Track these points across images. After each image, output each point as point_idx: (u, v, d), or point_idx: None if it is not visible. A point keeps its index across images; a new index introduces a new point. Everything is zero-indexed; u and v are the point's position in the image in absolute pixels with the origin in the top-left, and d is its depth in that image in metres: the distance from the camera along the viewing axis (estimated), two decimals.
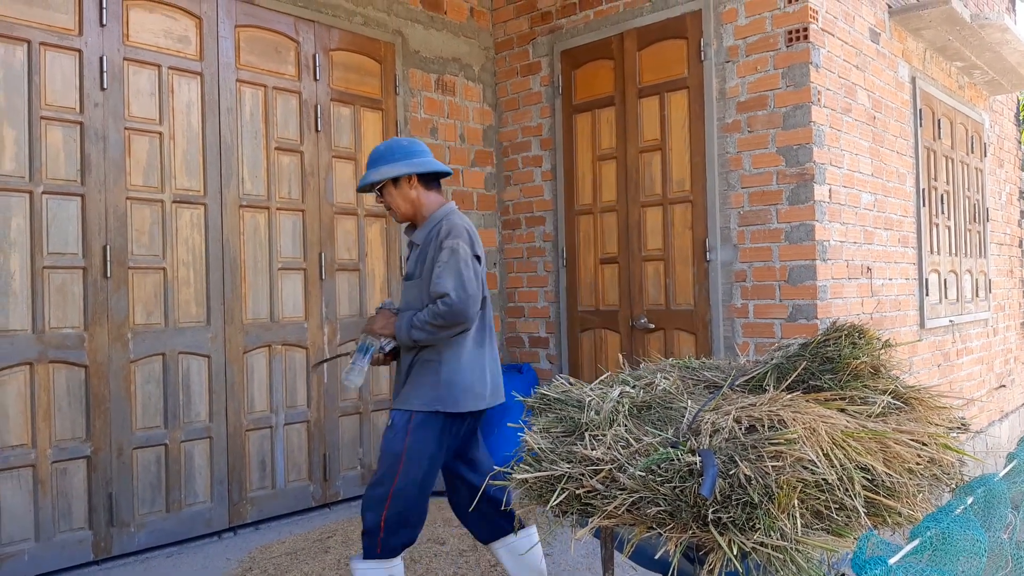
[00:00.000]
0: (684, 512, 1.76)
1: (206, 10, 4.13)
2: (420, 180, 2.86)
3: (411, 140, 2.94)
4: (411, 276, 2.85)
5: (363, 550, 2.69)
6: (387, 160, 2.85)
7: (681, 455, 1.81)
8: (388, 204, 2.90)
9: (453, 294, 2.63)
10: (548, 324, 5.40)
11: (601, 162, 5.05)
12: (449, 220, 2.80)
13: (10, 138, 3.48)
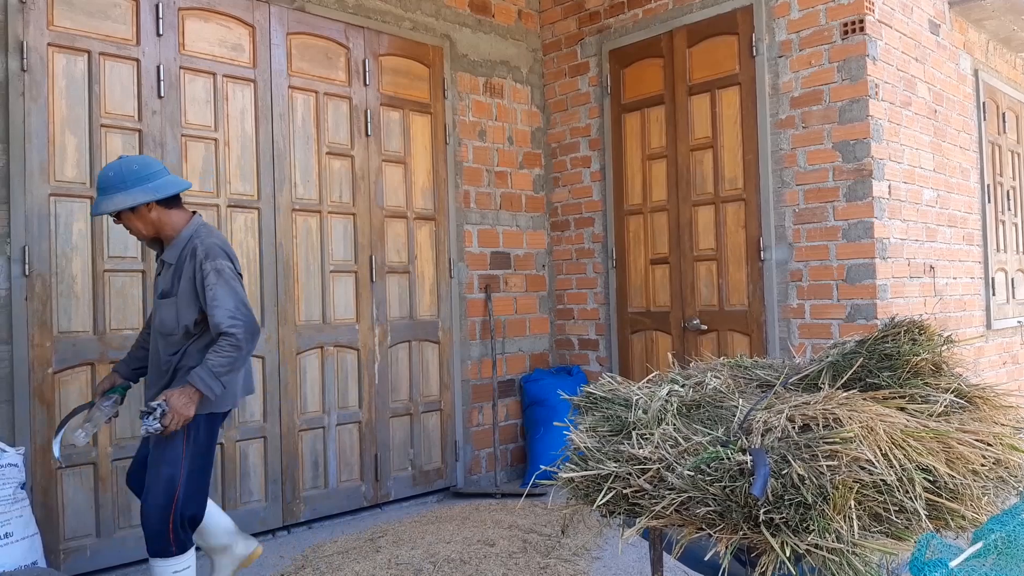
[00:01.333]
0: (735, 513, 1.71)
1: (259, 18, 4.22)
2: (162, 202, 2.78)
3: (142, 161, 2.80)
4: (167, 295, 2.81)
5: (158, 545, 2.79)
6: (120, 188, 2.71)
7: (731, 454, 1.77)
8: (127, 227, 2.82)
9: (234, 326, 2.67)
10: (598, 326, 5.35)
11: (651, 161, 4.99)
12: (202, 240, 2.78)
13: (72, 145, 3.60)
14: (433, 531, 4.06)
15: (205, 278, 2.71)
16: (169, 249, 2.83)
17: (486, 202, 5.25)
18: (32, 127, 3.46)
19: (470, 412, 5.08)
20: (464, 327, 5.07)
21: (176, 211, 2.85)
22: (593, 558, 3.66)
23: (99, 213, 2.75)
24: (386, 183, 4.71)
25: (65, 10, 3.58)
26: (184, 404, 2.65)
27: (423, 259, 4.87)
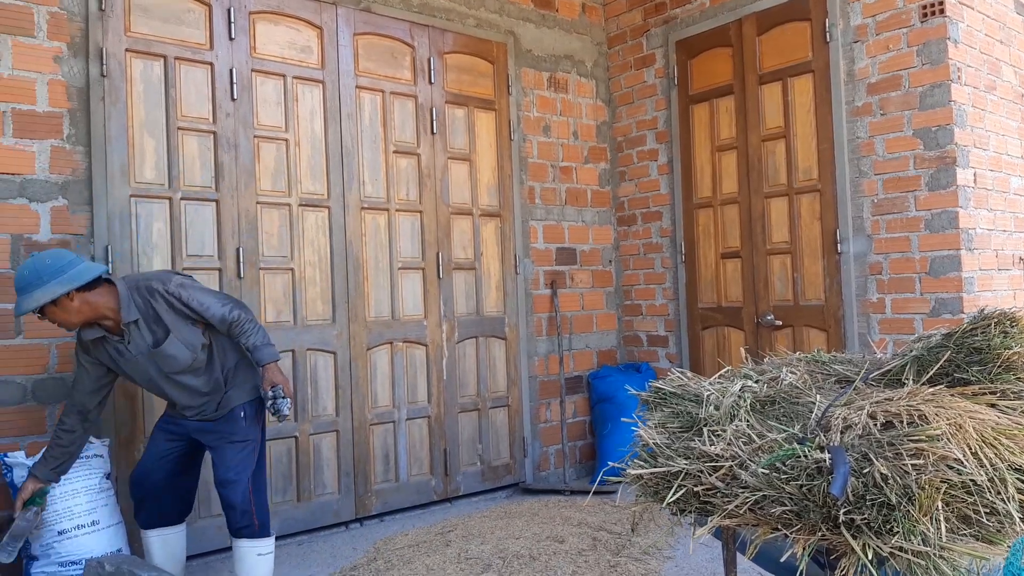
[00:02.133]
0: (812, 512, 1.64)
1: (326, 20, 4.29)
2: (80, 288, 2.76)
3: (54, 254, 2.79)
4: (160, 341, 2.91)
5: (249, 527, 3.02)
6: (37, 284, 2.69)
7: (809, 451, 1.70)
8: (54, 321, 2.81)
9: (231, 309, 2.94)
10: (667, 322, 5.27)
11: (720, 153, 4.88)
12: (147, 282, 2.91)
13: (150, 148, 3.72)
14: (502, 526, 4.06)
15: (180, 298, 2.90)
16: (125, 313, 2.85)
17: (551, 197, 5.22)
18: (112, 131, 3.59)
19: (538, 408, 5.07)
20: (530, 323, 5.06)
21: (100, 290, 2.84)
22: (665, 557, 3.60)
23: (22, 312, 2.72)
24: (452, 180, 4.73)
25: (142, 16, 3.70)
26: (277, 374, 2.96)
27: (489, 255, 4.88)
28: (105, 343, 2.92)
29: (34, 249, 3.38)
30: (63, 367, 3.42)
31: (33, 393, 3.36)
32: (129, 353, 2.92)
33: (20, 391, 3.33)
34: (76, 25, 3.52)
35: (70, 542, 3.03)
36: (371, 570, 3.51)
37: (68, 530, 3.04)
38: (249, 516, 3.02)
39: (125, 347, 2.91)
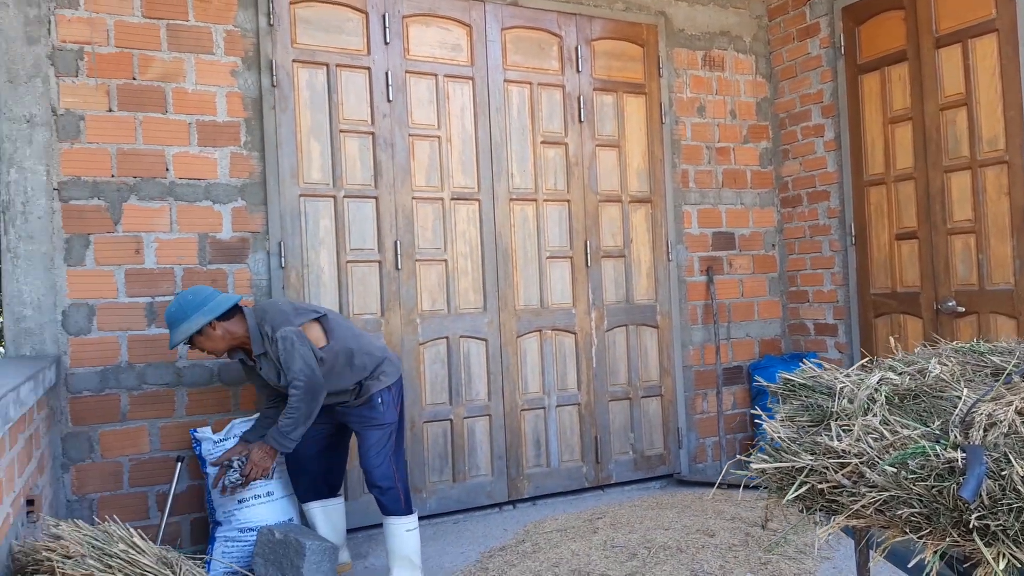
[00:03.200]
0: (942, 516, 1.51)
1: (475, 17, 4.41)
2: (219, 318, 3.11)
3: (194, 291, 3.14)
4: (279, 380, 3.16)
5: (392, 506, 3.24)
6: (183, 319, 3.05)
7: (940, 450, 1.56)
8: (203, 349, 3.15)
9: (301, 374, 3.05)
10: (836, 309, 4.95)
11: (893, 125, 4.50)
12: (267, 320, 3.13)
13: (316, 151, 4.02)
14: (652, 517, 4.02)
15: (277, 351, 3.11)
16: (254, 346, 3.16)
17: (706, 180, 5.06)
18: (282, 136, 3.92)
19: (693, 399, 4.95)
20: (684, 311, 4.94)
21: (236, 319, 3.17)
22: (822, 558, 3.41)
23: (174, 345, 3.10)
24: (600, 168, 4.72)
25: (305, 28, 4.00)
26: (262, 458, 3.13)
27: (639, 242, 4.82)
28: (244, 363, 3.30)
29: (218, 246, 3.77)
30: None
31: (219, 375, 3.75)
32: (265, 374, 3.23)
33: (208, 374, 3.73)
34: (249, 40, 3.87)
35: (248, 510, 3.37)
36: (518, 552, 3.61)
37: (247, 499, 3.38)
38: (395, 494, 3.23)
39: (258, 370, 3.25)
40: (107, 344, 3.54)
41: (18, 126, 3.42)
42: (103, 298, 3.54)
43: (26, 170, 3.43)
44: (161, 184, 3.68)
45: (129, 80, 3.63)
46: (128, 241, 3.61)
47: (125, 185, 3.61)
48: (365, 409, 3.29)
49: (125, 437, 3.56)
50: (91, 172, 3.55)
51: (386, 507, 3.25)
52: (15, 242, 3.40)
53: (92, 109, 3.56)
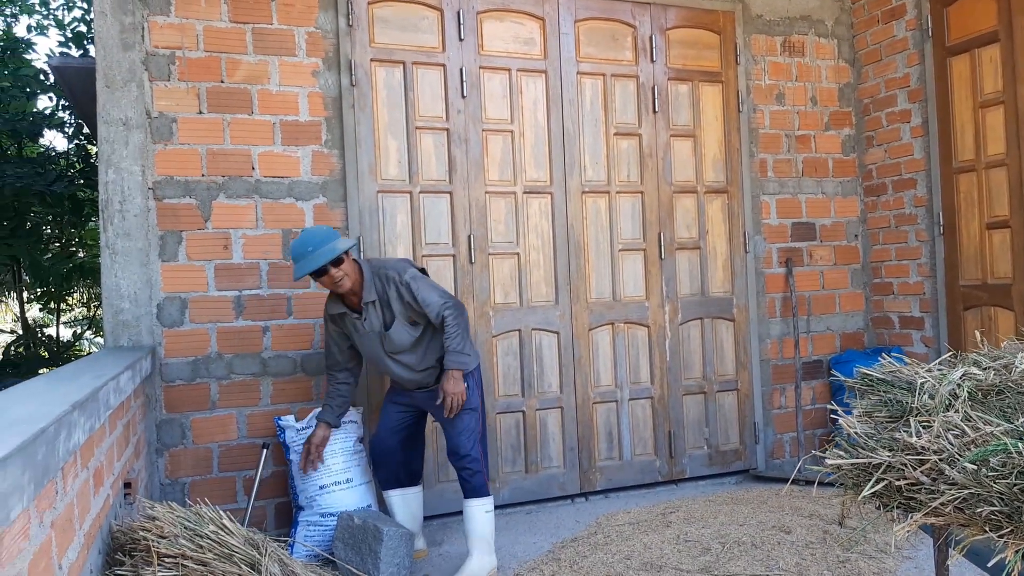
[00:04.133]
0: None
1: (548, 11, 4.42)
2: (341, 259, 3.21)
3: (320, 229, 3.25)
4: (389, 325, 3.29)
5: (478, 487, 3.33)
6: (319, 247, 3.13)
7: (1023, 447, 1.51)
8: (338, 279, 3.19)
9: (442, 298, 3.26)
10: (922, 302, 4.76)
11: (984, 109, 4.30)
12: (386, 267, 3.31)
13: (393, 148, 4.12)
14: (727, 512, 3.98)
15: (409, 289, 3.24)
16: (365, 293, 3.27)
17: (785, 169, 4.94)
18: (361, 134, 4.03)
19: (771, 393, 4.85)
20: (762, 304, 4.85)
21: (353, 264, 3.29)
22: (904, 557, 3.31)
23: (299, 276, 3.15)
24: (674, 158, 4.67)
25: (383, 27, 4.10)
26: (454, 384, 3.24)
27: (714, 234, 4.75)
28: (345, 318, 3.36)
29: None
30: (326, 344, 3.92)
31: (302, 366, 3.90)
32: (363, 329, 3.32)
33: (291, 364, 3.88)
34: (329, 41, 3.99)
35: (329, 496, 3.49)
36: (590, 543, 3.63)
37: (327, 485, 3.51)
38: (481, 477, 3.33)
39: (361, 323, 3.32)
40: (198, 336, 3.73)
41: (115, 129, 3.63)
42: (194, 292, 3.73)
43: (123, 170, 3.63)
44: (247, 182, 3.84)
45: (217, 83, 3.80)
46: (217, 237, 3.78)
47: (214, 184, 3.78)
48: None
49: (215, 424, 3.74)
50: (183, 172, 3.73)
51: (473, 489, 3.32)
52: (113, 239, 3.61)
53: (183, 111, 3.74)
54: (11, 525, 1.22)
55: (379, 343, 3.33)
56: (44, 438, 1.35)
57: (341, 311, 3.36)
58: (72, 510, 1.76)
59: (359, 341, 3.39)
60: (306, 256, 3.15)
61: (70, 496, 1.74)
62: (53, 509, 1.58)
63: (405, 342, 3.31)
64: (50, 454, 1.40)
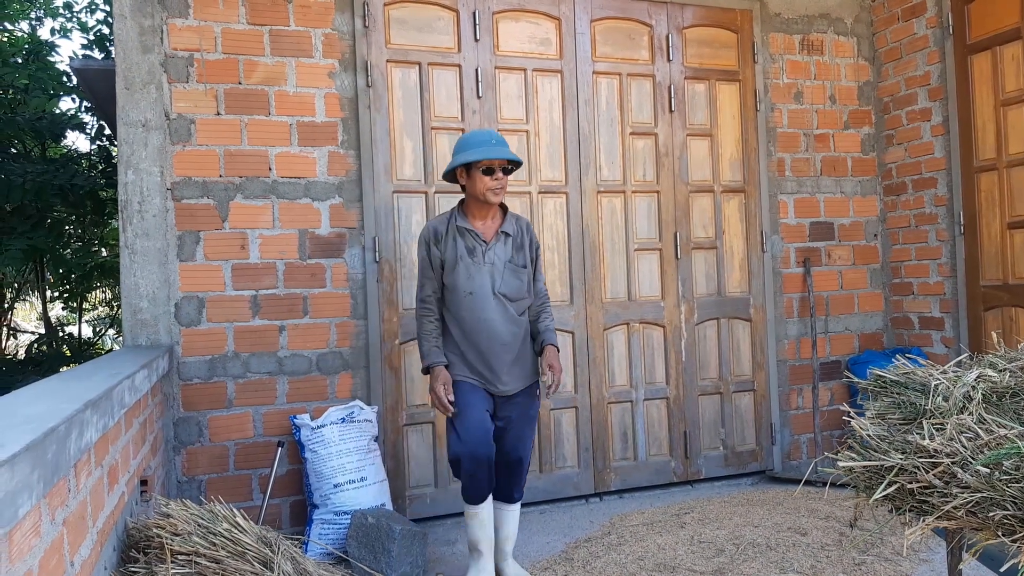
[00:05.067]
0: None
1: (564, 11, 4.42)
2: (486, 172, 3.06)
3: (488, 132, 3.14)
4: (514, 262, 3.12)
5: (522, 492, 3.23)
6: (467, 148, 3.01)
7: None
8: (502, 185, 3.04)
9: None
10: (943, 302, 4.70)
11: (1006, 108, 4.23)
12: (521, 217, 3.24)
13: (408, 148, 4.13)
14: (742, 513, 3.96)
15: (536, 249, 3.23)
16: (506, 222, 3.14)
17: (804, 169, 4.90)
18: (376, 135, 4.05)
19: (788, 394, 4.82)
20: (779, 304, 4.81)
21: None
22: (920, 560, 3.27)
23: (501, 157, 2.97)
24: (691, 158, 4.65)
25: (399, 28, 4.11)
26: (559, 360, 3.15)
27: (731, 233, 4.72)
28: (463, 238, 3.08)
29: (317, 242, 3.93)
30: (341, 343, 3.95)
31: (317, 365, 3.93)
32: (482, 260, 3.06)
33: (307, 363, 3.91)
34: (345, 43, 4.01)
35: (343, 494, 3.51)
36: (604, 544, 3.62)
37: (342, 484, 3.53)
38: (524, 485, 3.23)
39: (484, 251, 3.07)
40: (215, 335, 3.76)
41: (134, 130, 3.67)
42: (212, 291, 3.76)
43: (142, 171, 3.67)
44: (264, 183, 3.87)
45: (235, 84, 3.83)
46: (234, 237, 3.81)
47: (232, 184, 3.81)
48: (527, 397, 3.16)
49: (231, 422, 3.78)
50: (201, 173, 3.77)
51: (520, 493, 3.20)
52: (132, 239, 3.66)
53: (201, 113, 3.77)
54: (20, 522, 1.24)
55: (491, 279, 3.06)
56: (55, 437, 1.37)
57: (467, 227, 3.08)
58: (85, 507, 1.79)
59: (465, 271, 3.05)
60: (490, 144, 2.99)
61: (83, 494, 1.77)
62: (65, 506, 1.60)
63: (519, 289, 3.11)
64: (61, 452, 1.42)
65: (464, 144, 3.07)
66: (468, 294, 3.06)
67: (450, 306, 3.13)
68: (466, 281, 3.07)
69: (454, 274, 3.08)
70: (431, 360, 3.08)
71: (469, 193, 3.10)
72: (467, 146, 3.04)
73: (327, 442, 3.56)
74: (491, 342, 3.06)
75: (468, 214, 3.14)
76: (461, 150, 3.05)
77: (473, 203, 3.11)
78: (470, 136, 3.08)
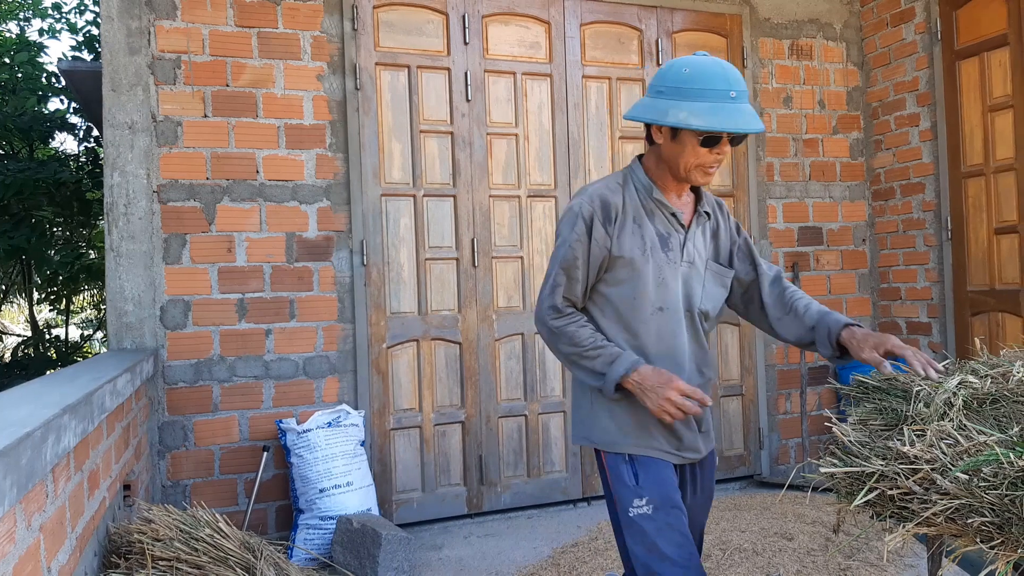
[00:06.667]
0: (1015, 526, 1.44)
1: (554, 14, 4.42)
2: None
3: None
4: (717, 260, 2.09)
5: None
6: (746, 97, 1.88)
7: (1014, 457, 1.49)
8: (719, 163, 1.94)
9: None
10: (930, 307, 4.72)
11: (993, 113, 4.25)
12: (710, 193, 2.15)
13: (397, 151, 4.12)
14: (729, 518, 3.96)
15: (740, 230, 2.15)
16: (705, 202, 2.06)
17: (792, 173, 4.91)
18: (365, 138, 4.04)
19: (776, 399, 4.82)
20: None
21: None
22: (906, 565, 3.28)
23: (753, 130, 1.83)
24: None
25: (388, 31, 4.10)
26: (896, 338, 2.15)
27: None
28: (652, 219, 1.98)
29: (304, 245, 3.91)
30: (328, 346, 3.94)
31: (304, 369, 3.91)
32: (681, 252, 2.00)
33: (293, 367, 3.90)
34: (334, 45, 4.00)
35: (329, 499, 3.50)
36: (590, 548, 3.61)
37: (327, 488, 3.51)
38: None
39: (683, 238, 2.00)
40: (201, 338, 3.74)
41: (121, 132, 3.65)
42: (198, 294, 3.75)
43: (128, 174, 3.66)
44: (252, 186, 3.85)
45: (223, 87, 3.82)
46: (221, 240, 3.80)
47: (219, 187, 3.80)
48: (709, 469, 2.18)
49: (217, 426, 3.76)
50: (188, 175, 3.75)
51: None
52: (118, 241, 3.64)
53: (188, 115, 3.76)
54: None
55: (685, 285, 2.00)
56: (29, 443, 1.36)
57: (660, 200, 1.98)
58: (64, 513, 1.77)
59: (656, 275, 1.96)
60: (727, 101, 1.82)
61: (61, 499, 1.75)
62: (42, 512, 1.58)
63: (719, 303, 2.11)
64: (36, 458, 1.41)
65: (684, 85, 1.84)
66: (658, 310, 1.97)
67: (615, 327, 1.98)
68: (657, 289, 1.96)
69: (635, 276, 1.95)
70: (622, 362, 1.90)
71: (664, 156, 1.95)
72: (689, 92, 1.83)
73: (313, 447, 3.54)
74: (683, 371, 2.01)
75: (659, 183, 2.00)
76: (679, 95, 1.84)
77: (665, 170, 1.97)
78: (697, 72, 1.85)
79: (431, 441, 4.11)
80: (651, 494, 1.89)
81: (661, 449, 1.97)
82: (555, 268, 1.98)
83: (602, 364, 1.92)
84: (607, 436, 1.97)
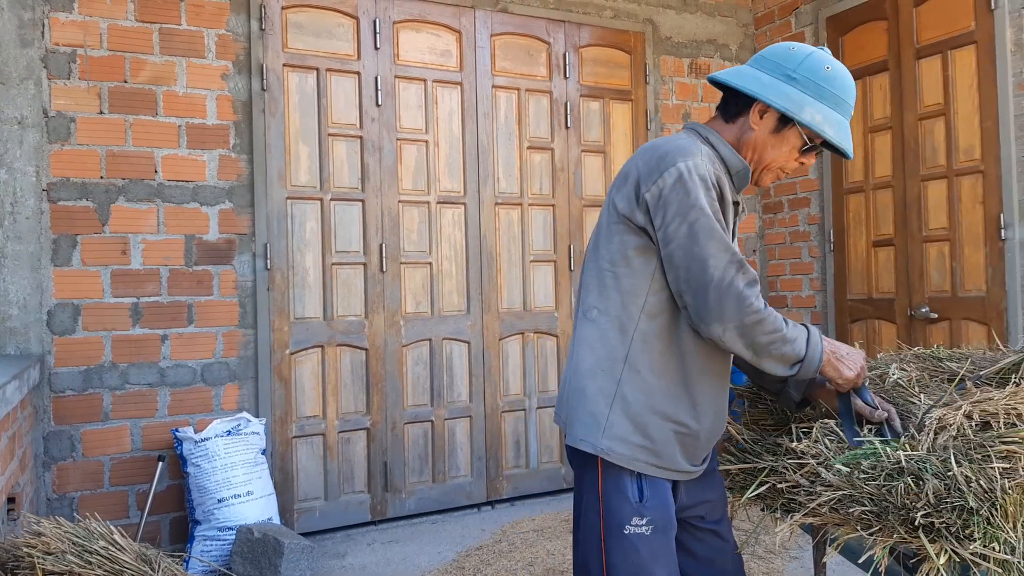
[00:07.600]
0: (891, 514, 1.57)
1: (465, 24, 4.47)
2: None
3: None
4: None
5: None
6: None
7: (890, 451, 1.62)
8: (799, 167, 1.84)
9: None
10: (814, 314, 5.02)
11: (873, 134, 4.58)
12: None
13: (304, 154, 4.07)
14: None
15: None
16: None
17: None
18: (271, 139, 3.96)
19: None
20: None
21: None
22: (791, 557, 3.47)
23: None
24: (585, 173, 4.78)
25: (297, 33, 4.05)
26: None
27: None
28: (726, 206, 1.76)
29: (204, 248, 3.80)
30: (228, 352, 3.83)
31: (202, 375, 3.79)
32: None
33: (191, 374, 3.77)
34: (240, 45, 3.92)
35: (228, 509, 3.41)
36: (495, 551, 3.66)
37: (227, 499, 3.42)
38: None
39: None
40: (91, 344, 3.58)
41: (9, 127, 3.46)
42: (88, 298, 3.58)
43: (16, 171, 3.46)
44: (149, 186, 3.72)
45: (121, 83, 3.67)
46: (115, 242, 3.64)
47: (114, 187, 3.65)
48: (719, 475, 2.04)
49: (107, 436, 3.59)
50: (80, 173, 3.59)
51: None
52: (3, 242, 3.44)
53: (83, 111, 3.60)
54: None
55: None
56: None
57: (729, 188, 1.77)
58: None
59: None
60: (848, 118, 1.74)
61: None
62: None
63: None
64: None
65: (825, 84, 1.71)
66: None
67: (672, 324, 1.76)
68: None
69: None
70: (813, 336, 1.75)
71: (750, 142, 1.80)
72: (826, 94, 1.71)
73: (211, 455, 3.44)
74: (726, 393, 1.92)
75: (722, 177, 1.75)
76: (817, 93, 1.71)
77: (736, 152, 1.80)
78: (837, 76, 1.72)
79: (335, 448, 4.06)
80: (654, 515, 1.73)
81: (679, 470, 1.78)
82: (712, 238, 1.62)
83: (801, 345, 1.70)
84: (624, 449, 1.71)
